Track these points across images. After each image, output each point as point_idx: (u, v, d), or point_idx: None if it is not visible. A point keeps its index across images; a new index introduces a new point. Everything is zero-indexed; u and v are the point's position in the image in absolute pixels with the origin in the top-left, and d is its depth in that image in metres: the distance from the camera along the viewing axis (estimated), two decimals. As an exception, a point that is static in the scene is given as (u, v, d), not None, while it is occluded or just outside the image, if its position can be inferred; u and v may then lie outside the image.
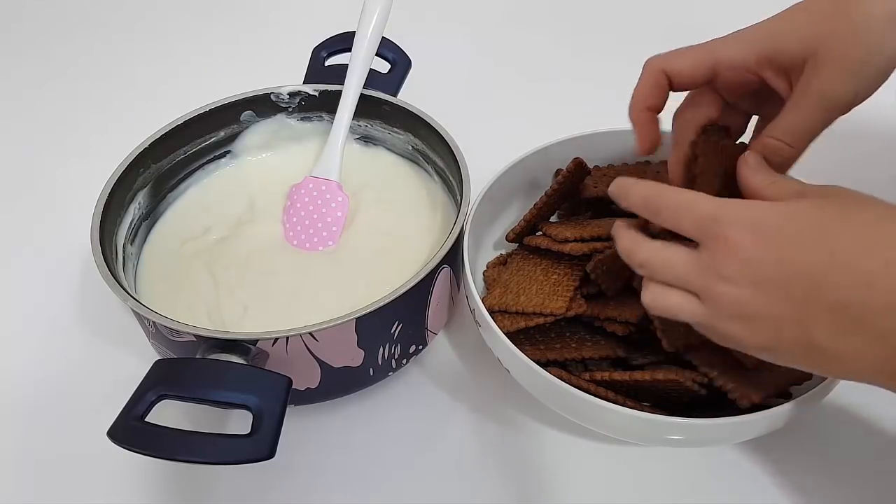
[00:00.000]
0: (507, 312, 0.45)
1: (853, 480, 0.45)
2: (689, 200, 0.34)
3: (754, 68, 0.38)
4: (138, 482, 0.46)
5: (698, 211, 0.33)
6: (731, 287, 0.32)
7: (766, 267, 0.31)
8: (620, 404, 0.39)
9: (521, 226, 0.50)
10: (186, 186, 0.58)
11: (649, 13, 0.88)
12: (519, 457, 0.47)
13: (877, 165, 0.63)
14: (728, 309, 0.33)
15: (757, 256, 0.31)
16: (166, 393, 0.38)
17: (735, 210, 0.33)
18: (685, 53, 0.39)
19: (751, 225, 0.32)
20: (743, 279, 0.32)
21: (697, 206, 0.34)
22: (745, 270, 0.32)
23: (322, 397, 0.47)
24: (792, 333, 0.31)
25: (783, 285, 0.31)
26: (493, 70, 0.81)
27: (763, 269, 0.31)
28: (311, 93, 0.59)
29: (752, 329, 0.32)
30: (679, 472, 0.46)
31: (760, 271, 0.31)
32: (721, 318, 0.33)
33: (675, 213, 0.34)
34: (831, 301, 0.30)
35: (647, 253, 0.36)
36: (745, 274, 0.32)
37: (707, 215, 0.33)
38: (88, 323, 0.55)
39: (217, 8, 0.94)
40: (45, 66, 0.85)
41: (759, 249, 0.31)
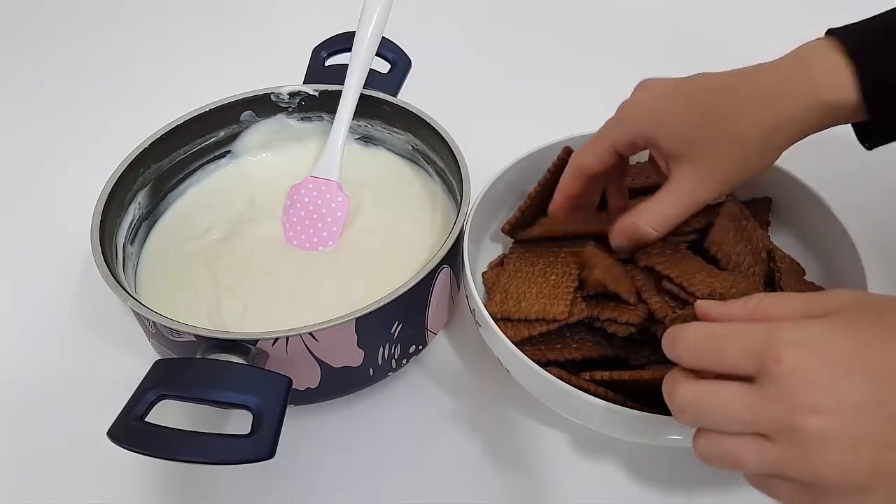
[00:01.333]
0: (510, 320, 0.45)
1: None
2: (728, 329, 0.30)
3: (642, 146, 0.43)
4: (138, 482, 0.46)
5: (745, 339, 0.29)
6: (818, 417, 0.27)
7: (858, 386, 0.27)
8: (620, 404, 0.39)
9: (517, 217, 0.50)
10: (186, 186, 0.58)
11: (649, 13, 0.88)
12: (519, 457, 0.47)
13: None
14: (816, 443, 0.27)
15: (841, 376, 0.27)
16: (166, 393, 0.38)
17: (791, 330, 0.28)
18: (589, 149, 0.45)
19: (817, 343, 0.28)
20: (832, 405, 0.27)
21: (741, 334, 0.29)
22: (833, 394, 0.27)
23: (322, 397, 0.47)
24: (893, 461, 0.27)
25: (884, 404, 0.27)
26: (493, 70, 0.81)
27: (855, 390, 0.27)
28: (311, 93, 0.59)
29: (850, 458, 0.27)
30: (679, 472, 0.46)
31: (852, 392, 0.27)
32: (806, 456, 0.27)
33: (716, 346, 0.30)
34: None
35: (691, 394, 0.30)
36: (834, 398, 0.27)
37: (758, 342, 0.28)
38: (88, 323, 0.55)
39: (217, 8, 0.94)
40: (45, 66, 0.85)
41: (842, 368, 0.27)
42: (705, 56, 0.75)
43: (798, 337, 0.28)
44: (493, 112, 0.74)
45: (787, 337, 0.28)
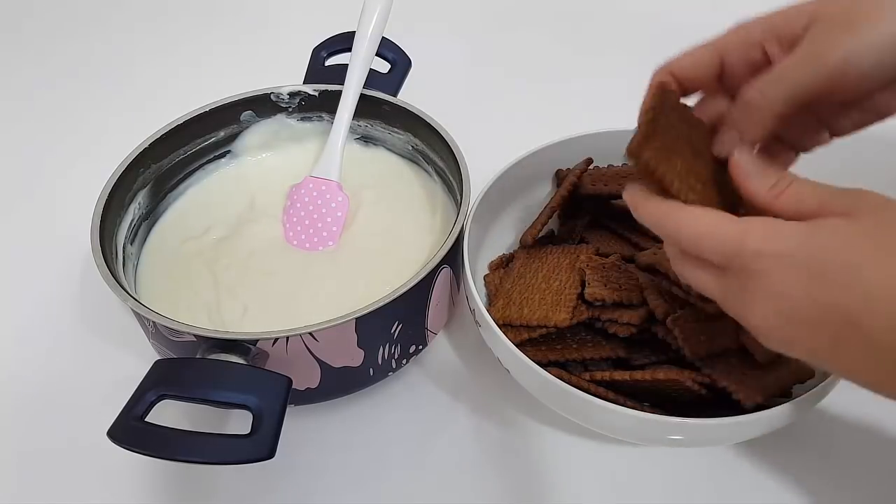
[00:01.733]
0: (512, 326, 0.45)
1: (853, 480, 0.45)
2: (708, 226, 0.33)
3: (758, 40, 0.35)
4: (138, 482, 0.46)
5: (720, 239, 0.32)
6: (764, 322, 0.32)
7: (796, 303, 0.30)
8: (620, 404, 0.39)
9: (538, 228, 0.50)
10: (186, 186, 0.58)
11: (650, 13, 0.88)
12: (519, 457, 0.47)
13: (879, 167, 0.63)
14: (761, 333, 0.33)
15: (787, 292, 0.30)
16: (166, 393, 0.38)
17: (758, 238, 0.31)
18: (689, 52, 0.38)
19: (776, 255, 0.31)
20: (773, 313, 0.31)
21: (718, 234, 0.32)
22: (774, 304, 0.31)
23: (322, 397, 0.47)
24: (825, 358, 0.31)
25: (815, 323, 0.30)
26: (493, 70, 0.81)
27: (793, 305, 0.30)
28: (311, 93, 0.59)
29: (781, 348, 0.33)
30: (679, 472, 0.46)
31: (790, 307, 0.30)
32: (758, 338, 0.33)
33: (696, 242, 0.33)
34: (865, 342, 0.29)
35: (679, 270, 0.36)
36: (775, 308, 0.31)
37: (730, 246, 0.32)
38: (88, 323, 0.55)
39: (217, 8, 0.94)
40: (46, 66, 0.85)
41: (788, 284, 0.30)
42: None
43: (765, 248, 0.31)
44: (493, 112, 0.74)
45: (754, 246, 0.31)
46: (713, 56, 0.37)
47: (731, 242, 0.32)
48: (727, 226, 0.32)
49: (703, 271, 0.34)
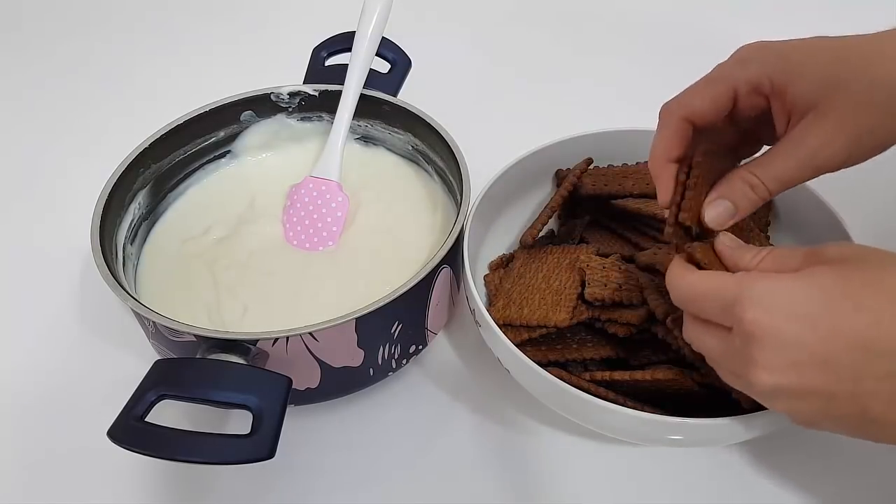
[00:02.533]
0: (512, 326, 0.45)
1: (853, 480, 0.45)
2: (706, 287, 0.33)
3: (767, 92, 0.36)
4: (138, 482, 0.46)
5: (719, 298, 0.32)
6: (768, 374, 0.31)
7: (806, 347, 0.30)
8: (620, 404, 0.39)
9: (538, 229, 0.50)
10: (186, 186, 0.58)
11: (650, 13, 0.88)
12: (519, 457, 0.47)
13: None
14: (770, 394, 0.32)
15: (793, 337, 0.30)
16: (166, 393, 0.38)
17: (757, 290, 0.31)
18: (702, 92, 0.37)
19: (778, 303, 0.30)
20: (783, 365, 0.30)
21: (716, 292, 0.32)
22: (784, 356, 0.30)
23: (322, 397, 0.47)
24: (844, 406, 0.30)
25: (828, 361, 0.29)
26: (493, 70, 0.81)
27: (803, 350, 0.30)
28: (311, 93, 0.59)
29: (798, 406, 0.32)
30: (679, 472, 0.46)
31: (800, 352, 0.30)
32: (762, 399, 0.33)
33: (698, 303, 0.34)
34: (886, 371, 0.29)
35: (687, 334, 0.36)
36: (783, 358, 0.30)
37: (729, 300, 0.32)
38: (88, 323, 0.55)
39: (217, 8, 0.94)
40: (45, 65, 0.85)
41: (795, 330, 0.30)
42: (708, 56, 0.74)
43: (762, 296, 0.31)
44: (492, 112, 0.74)
45: (753, 296, 0.31)
46: (729, 94, 0.36)
47: (730, 296, 0.32)
48: (723, 282, 0.33)
49: (709, 333, 0.34)
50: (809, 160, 0.34)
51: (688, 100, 0.37)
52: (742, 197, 0.36)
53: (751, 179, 0.36)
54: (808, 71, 0.34)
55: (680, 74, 0.42)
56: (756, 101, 0.36)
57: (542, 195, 0.56)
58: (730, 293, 0.32)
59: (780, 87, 0.35)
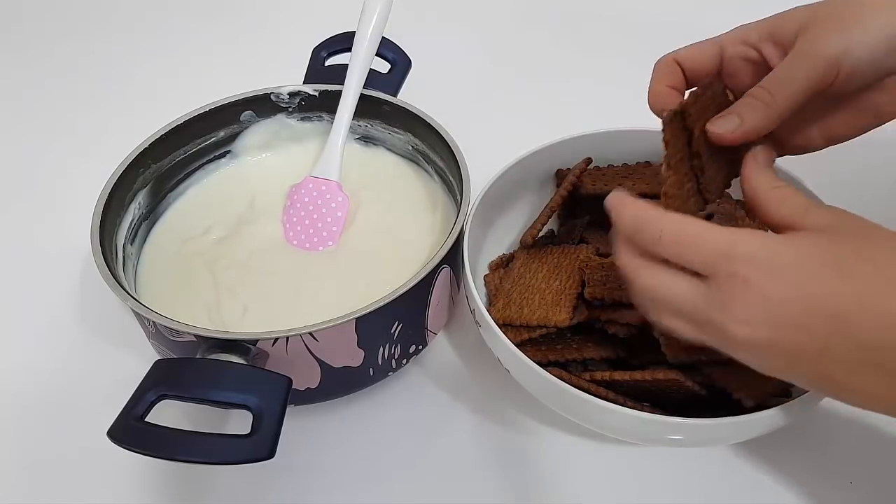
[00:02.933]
0: (512, 326, 0.45)
1: (853, 480, 0.45)
2: (696, 233, 0.32)
3: (755, 42, 0.38)
4: (138, 482, 0.46)
5: (708, 246, 0.32)
6: (747, 328, 0.31)
7: (788, 306, 0.30)
8: (620, 404, 0.39)
9: (538, 229, 0.50)
10: (186, 186, 0.58)
11: (650, 12, 0.88)
12: (519, 457, 0.47)
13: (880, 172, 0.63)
14: (739, 345, 0.32)
15: (777, 296, 0.30)
16: (166, 393, 0.38)
17: (748, 246, 0.31)
18: (693, 45, 0.40)
19: (767, 262, 0.31)
20: (762, 320, 0.31)
21: (706, 241, 0.32)
22: (765, 311, 0.31)
23: (322, 397, 0.47)
24: (807, 367, 0.31)
25: (805, 323, 0.30)
26: (493, 70, 0.81)
27: (784, 309, 0.30)
28: (311, 93, 0.59)
29: (765, 360, 0.32)
30: (679, 472, 0.46)
31: (781, 311, 0.30)
32: (727, 349, 0.33)
33: (679, 248, 0.33)
34: (856, 341, 0.29)
35: (649, 278, 0.34)
36: (765, 315, 0.31)
37: (718, 252, 0.31)
38: (88, 323, 0.55)
39: (217, 8, 0.94)
40: (45, 65, 0.85)
41: (780, 289, 0.30)
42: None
43: (753, 252, 0.31)
44: (493, 112, 0.74)
45: (743, 251, 0.31)
46: (714, 49, 0.39)
47: (720, 247, 0.32)
48: (715, 233, 0.32)
49: (681, 278, 0.33)
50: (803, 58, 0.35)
51: (679, 49, 0.40)
52: (746, 107, 0.36)
53: (754, 91, 0.36)
54: (789, 14, 0.37)
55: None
56: (744, 51, 0.38)
57: (542, 195, 0.56)
58: (720, 245, 0.32)
59: (767, 32, 0.37)
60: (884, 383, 0.30)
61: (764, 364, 0.33)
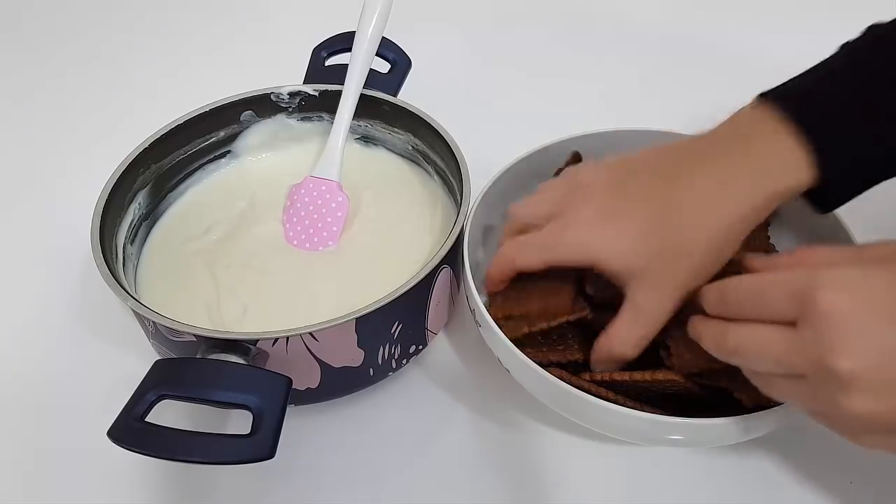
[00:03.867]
0: (511, 318, 0.45)
1: (853, 480, 0.45)
2: (772, 278, 0.31)
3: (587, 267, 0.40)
4: (138, 482, 0.46)
5: (787, 285, 0.30)
6: (848, 359, 0.28)
7: (891, 332, 0.28)
8: (620, 404, 0.39)
9: None
10: (186, 186, 0.58)
11: (650, 13, 0.88)
12: (519, 457, 0.47)
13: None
14: (847, 385, 0.28)
15: (875, 321, 0.28)
16: (166, 393, 0.38)
17: (831, 274, 0.29)
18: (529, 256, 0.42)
19: (855, 287, 0.28)
20: (863, 348, 0.28)
21: (783, 281, 0.30)
22: (865, 338, 0.28)
23: (322, 397, 0.47)
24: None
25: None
26: (493, 70, 0.81)
27: (887, 335, 0.28)
28: (311, 93, 0.59)
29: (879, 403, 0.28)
30: (679, 472, 0.46)
31: (884, 337, 0.28)
32: (838, 398, 0.29)
33: (760, 296, 0.31)
34: None
35: (736, 338, 0.32)
36: (865, 342, 0.28)
37: (799, 286, 0.29)
38: (88, 323, 0.55)
39: (217, 8, 0.94)
40: (45, 66, 0.85)
41: (876, 313, 0.28)
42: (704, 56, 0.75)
43: (838, 280, 0.29)
44: (493, 112, 0.74)
45: (827, 280, 0.29)
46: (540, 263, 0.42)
47: (799, 281, 0.30)
48: (790, 272, 0.31)
49: (767, 327, 0.31)
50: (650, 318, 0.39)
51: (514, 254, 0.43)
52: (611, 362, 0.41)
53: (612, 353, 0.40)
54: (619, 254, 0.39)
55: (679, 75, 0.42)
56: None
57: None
58: (799, 279, 0.30)
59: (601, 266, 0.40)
60: None
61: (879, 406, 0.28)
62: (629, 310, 0.39)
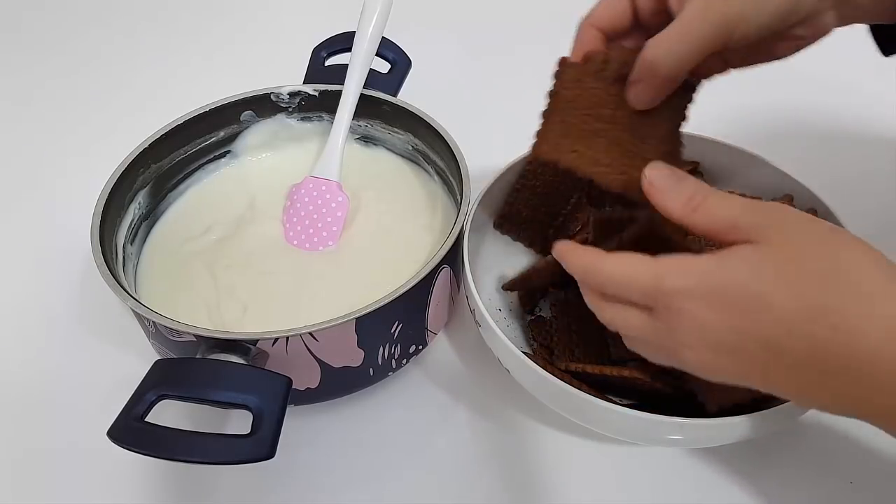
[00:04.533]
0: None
1: (853, 480, 0.45)
2: (627, 274, 0.34)
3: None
4: (138, 482, 0.46)
5: (639, 284, 0.33)
6: (692, 352, 0.33)
7: (720, 334, 0.32)
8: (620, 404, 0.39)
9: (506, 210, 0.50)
10: (186, 186, 0.58)
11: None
12: (519, 457, 0.47)
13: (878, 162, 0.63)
14: (696, 368, 0.33)
15: (708, 324, 0.32)
16: (166, 393, 0.38)
17: (676, 279, 0.32)
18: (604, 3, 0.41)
19: (694, 292, 0.32)
20: (701, 345, 0.32)
21: (637, 279, 0.33)
22: (701, 337, 0.32)
23: (322, 397, 0.47)
24: (759, 384, 0.33)
25: (741, 350, 0.31)
26: (493, 70, 0.81)
27: (717, 336, 0.32)
28: (311, 93, 0.59)
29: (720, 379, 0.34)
30: (679, 471, 0.46)
31: (715, 338, 0.32)
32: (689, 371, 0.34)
33: (618, 289, 0.34)
34: (790, 364, 0.31)
35: (610, 315, 0.36)
36: (702, 340, 0.32)
37: (649, 288, 0.33)
38: (88, 323, 0.55)
39: (217, 8, 0.94)
40: (46, 66, 0.85)
41: (709, 316, 0.31)
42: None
43: (680, 285, 0.32)
44: (493, 112, 0.74)
45: (671, 286, 0.32)
46: (625, 5, 0.40)
47: (649, 283, 0.33)
48: (644, 268, 0.33)
49: (632, 313, 0.35)
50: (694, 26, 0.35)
51: (593, 9, 0.41)
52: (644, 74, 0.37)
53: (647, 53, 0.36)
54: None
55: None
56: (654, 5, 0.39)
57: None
58: (650, 282, 0.33)
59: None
60: (830, 397, 0.31)
61: (722, 380, 0.34)
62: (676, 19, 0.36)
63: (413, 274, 0.44)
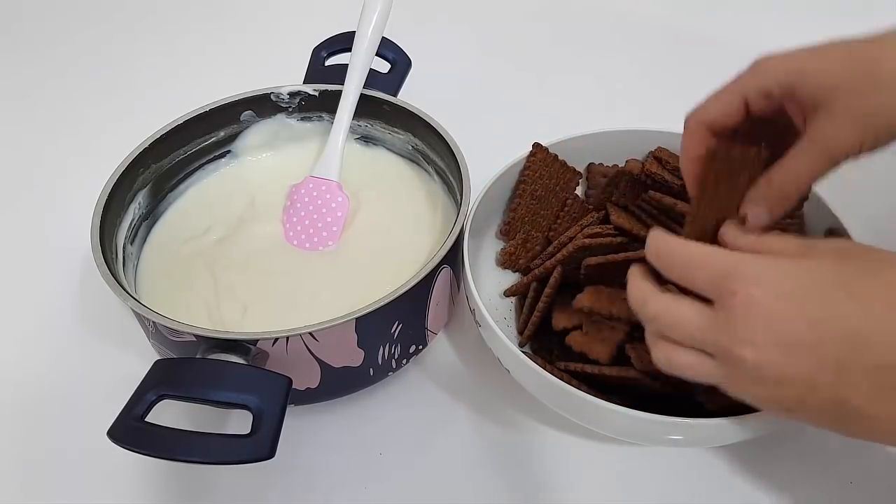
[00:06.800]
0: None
1: (853, 480, 0.45)
2: (701, 255, 0.32)
3: (777, 97, 0.37)
4: (138, 482, 0.46)
5: (711, 267, 0.32)
6: (753, 350, 0.30)
7: (794, 328, 0.29)
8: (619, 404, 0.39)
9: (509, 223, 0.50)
10: (186, 186, 0.58)
11: (650, 12, 0.88)
12: (519, 457, 0.47)
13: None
14: (749, 373, 0.31)
15: (782, 316, 0.29)
16: (166, 393, 0.38)
17: (753, 266, 0.31)
18: (715, 99, 0.39)
19: (772, 282, 0.30)
20: (767, 342, 0.30)
21: (710, 262, 0.32)
22: (770, 332, 0.30)
23: (322, 397, 0.47)
24: (823, 396, 0.30)
25: (816, 347, 0.29)
26: (493, 70, 0.81)
27: (790, 331, 0.29)
28: (311, 93, 0.59)
29: (777, 392, 0.31)
30: (678, 472, 0.46)
31: (788, 333, 0.29)
32: (740, 381, 0.32)
33: (687, 269, 0.33)
34: (872, 364, 0.29)
35: (656, 307, 0.34)
36: (770, 336, 0.30)
37: (721, 272, 0.31)
38: (88, 323, 0.55)
39: (217, 8, 0.94)
40: (45, 65, 0.85)
41: (784, 309, 0.29)
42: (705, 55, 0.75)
43: (758, 273, 0.30)
44: (493, 112, 0.74)
45: (747, 271, 0.30)
46: (738, 103, 0.38)
47: (724, 267, 0.31)
48: (722, 254, 0.32)
49: (686, 302, 0.33)
50: (823, 153, 0.35)
51: (703, 106, 0.39)
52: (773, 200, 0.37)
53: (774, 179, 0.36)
54: (813, 71, 0.35)
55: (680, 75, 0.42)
56: (767, 105, 0.37)
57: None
58: (724, 264, 0.31)
59: (789, 91, 0.36)
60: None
61: (776, 395, 0.31)
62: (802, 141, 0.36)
63: (413, 274, 0.44)
